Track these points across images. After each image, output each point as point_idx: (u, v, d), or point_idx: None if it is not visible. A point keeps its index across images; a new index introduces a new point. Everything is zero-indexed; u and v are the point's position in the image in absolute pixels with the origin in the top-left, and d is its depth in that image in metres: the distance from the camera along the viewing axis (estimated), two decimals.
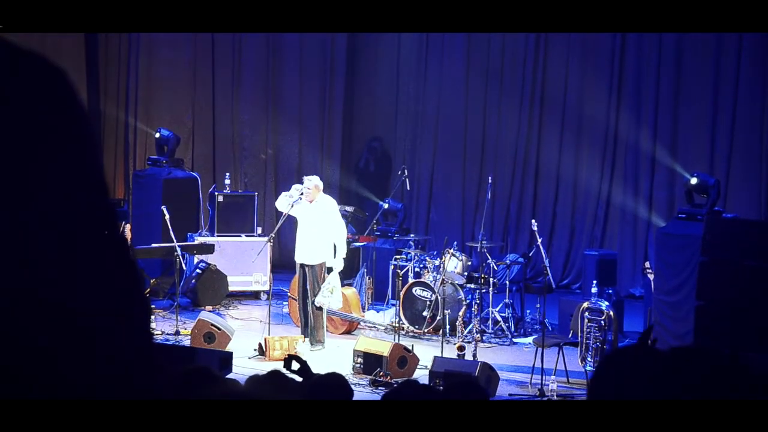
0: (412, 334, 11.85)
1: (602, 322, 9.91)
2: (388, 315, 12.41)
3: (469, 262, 12.60)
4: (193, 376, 3.13)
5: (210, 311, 12.05)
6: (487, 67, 15.79)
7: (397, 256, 12.95)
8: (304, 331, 11.20)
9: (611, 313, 9.98)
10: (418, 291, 12.04)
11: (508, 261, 12.73)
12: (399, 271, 12.10)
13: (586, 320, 9.96)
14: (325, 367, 6.26)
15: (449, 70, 16.00)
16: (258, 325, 11.78)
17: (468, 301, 11.84)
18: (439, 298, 11.70)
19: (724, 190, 12.72)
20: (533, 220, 12.34)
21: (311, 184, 11.09)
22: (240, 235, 13.89)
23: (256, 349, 10.76)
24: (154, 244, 12.54)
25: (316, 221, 11.05)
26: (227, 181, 14.45)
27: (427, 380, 9.33)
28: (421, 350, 10.46)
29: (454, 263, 12.06)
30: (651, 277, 11.40)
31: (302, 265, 11.16)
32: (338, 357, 10.65)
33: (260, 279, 13.56)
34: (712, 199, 10.88)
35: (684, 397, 1.71)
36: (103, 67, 15.86)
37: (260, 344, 10.74)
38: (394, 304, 12.18)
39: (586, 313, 9.98)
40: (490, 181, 13.25)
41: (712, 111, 14.18)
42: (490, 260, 12.26)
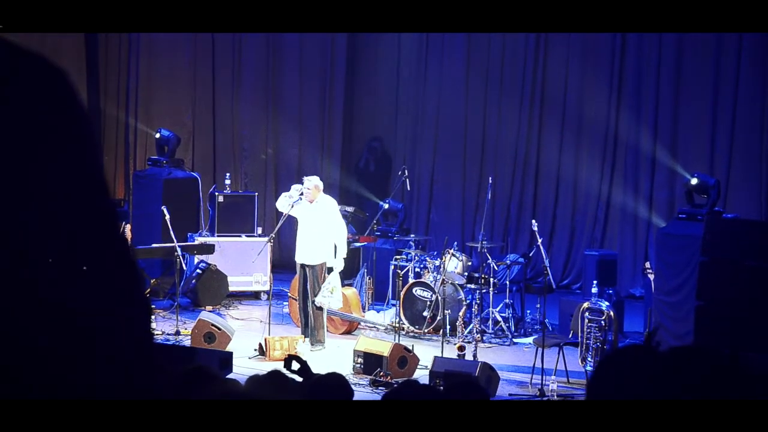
0: (412, 334, 11.85)
1: (602, 322, 9.91)
2: (388, 315, 12.40)
3: (470, 263, 12.59)
4: (193, 376, 3.13)
5: (210, 311, 12.05)
6: (487, 67, 15.79)
7: (398, 257, 12.95)
8: (304, 331, 11.20)
9: (611, 313, 9.98)
10: (418, 291, 12.03)
11: (508, 261, 12.72)
12: (399, 272, 12.09)
13: (587, 320, 9.96)
14: (325, 367, 6.26)
15: (449, 70, 15.99)
16: (258, 325, 11.77)
17: (468, 302, 11.84)
18: (440, 298, 11.70)
19: (724, 190, 12.71)
20: (533, 221, 12.32)
21: (311, 184, 11.08)
22: (240, 235, 13.89)
23: (256, 349, 10.76)
24: (154, 244, 12.54)
25: (317, 221, 11.04)
26: (227, 181, 14.45)
27: (428, 380, 9.33)
28: (421, 350, 10.46)
29: (454, 263, 12.06)
30: (651, 277, 11.39)
31: (303, 266, 11.16)
32: (338, 357, 10.64)
33: (260, 279, 13.55)
34: (713, 199, 10.87)
35: (683, 397, 1.71)
36: (103, 67, 15.85)
37: (260, 344, 10.73)
38: (394, 305, 12.18)
39: (587, 314, 9.98)
40: (491, 181, 13.24)
41: (712, 111, 14.17)
42: (490, 260, 12.25)
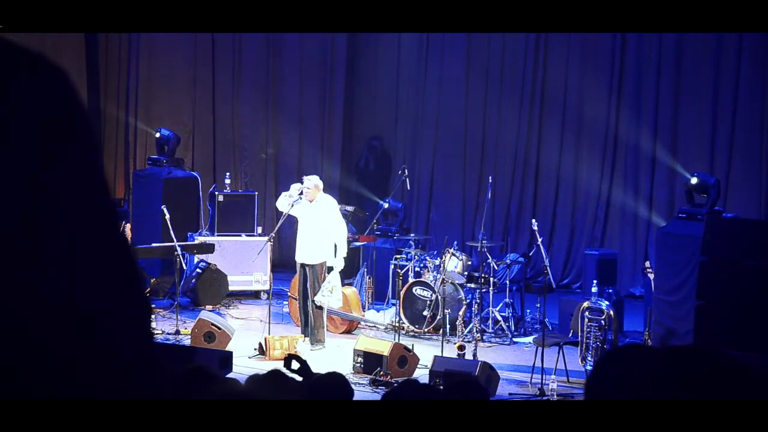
0: (412, 333, 11.85)
1: (602, 321, 9.92)
2: (388, 314, 12.40)
3: (470, 262, 12.60)
4: (193, 376, 3.13)
5: (210, 311, 12.05)
6: (487, 67, 15.79)
7: (398, 256, 12.95)
8: (304, 331, 11.20)
9: (611, 312, 9.98)
10: (418, 290, 12.03)
11: (508, 260, 12.72)
12: (399, 271, 12.09)
13: (587, 320, 9.96)
14: (325, 367, 6.26)
15: (449, 70, 16.00)
16: (258, 325, 11.78)
17: (468, 301, 11.84)
18: (440, 297, 11.70)
19: (725, 190, 12.71)
20: (533, 220, 12.32)
21: (311, 183, 11.08)
22: (240, 235, 13.89)
23: (256, 349, 10.76)
24: (154, 244, 12.55)
25: (317, 221, 11.05)
26: (227, 181, 14.46)
27: (428, 380, 9.33)
28: (421, 350, 10.46)
29: (454, 263, 12.06)
30: (651, 276, 11.39)
31: (302, 265, 11.16)
32: (338, 356, 10.65)
33: (260, 278, 13.56)
34: (713, 198, 10.87)
35: (682, 396, 1.71)
36: (103, 67, 15.85)
37: (260, 344, 10.74)
38: (394, 304, 12.18)
39: (587, 313, 9.98)
40: (491, 180, 13.24)
41: (712, 111, 14.18)
42: (490, 260, 12.26)
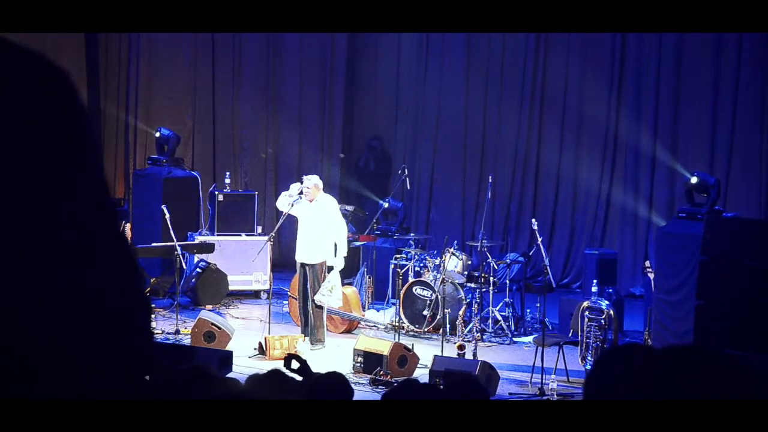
0: (412, 333, 11.85)
1: (602, 321, 9.92)
2: (388, 314, 12.40)
3: (470, 262, 12.59)
4: (193, 376, 3.13)
5: (210, 310, 12.04)
6: (487, 67, 15.79)
7: (398, 255, 12.95)
8: (304, 330, 11.20)
9: (611, 312, 9.98)
10: (418, 290, 12.03)
11: (508, 260, 12.72)
12: (399, 270, 12.08)
13: (587, 319, 9.96)
14: (325, 366, 6.26)
15: (449, 70, 16.00)
16: (258, 324, 11.78)
17: (468, 300, 11.84)
18: (440, 297, 11.70)
19: (725, 190, 12.71)
20: (533, 220, 12.32)
21: (311, 183, 11.08)
22: (240, 234, 13.89)
23: (256, 348, 10.76)
24: (154, 243, 12.54)
25: (317, 220, 11.05)
26: (227, 181, 14.45)
27: (428, 379, 9.33)
28: (421, 349, 10.46)
29: (454, 262, 12.06)
30: (651, 276, 11.39)
31: (303, 264, 11.16)
32: (338, 356, 10.64)
33: (260, 278, 13.56)
34: (713, 198, 10.87)
35: (681, 396, 1.71)
36: (103, 67, 15.84)
37: (260, 343, 10.73)
38: (394, 303, 12.18)
39: (587, 313, 9.98)
40: (490, 180, 13.24)
41: (712, 111, 14.18)
42: (490, 259, 12.25)
